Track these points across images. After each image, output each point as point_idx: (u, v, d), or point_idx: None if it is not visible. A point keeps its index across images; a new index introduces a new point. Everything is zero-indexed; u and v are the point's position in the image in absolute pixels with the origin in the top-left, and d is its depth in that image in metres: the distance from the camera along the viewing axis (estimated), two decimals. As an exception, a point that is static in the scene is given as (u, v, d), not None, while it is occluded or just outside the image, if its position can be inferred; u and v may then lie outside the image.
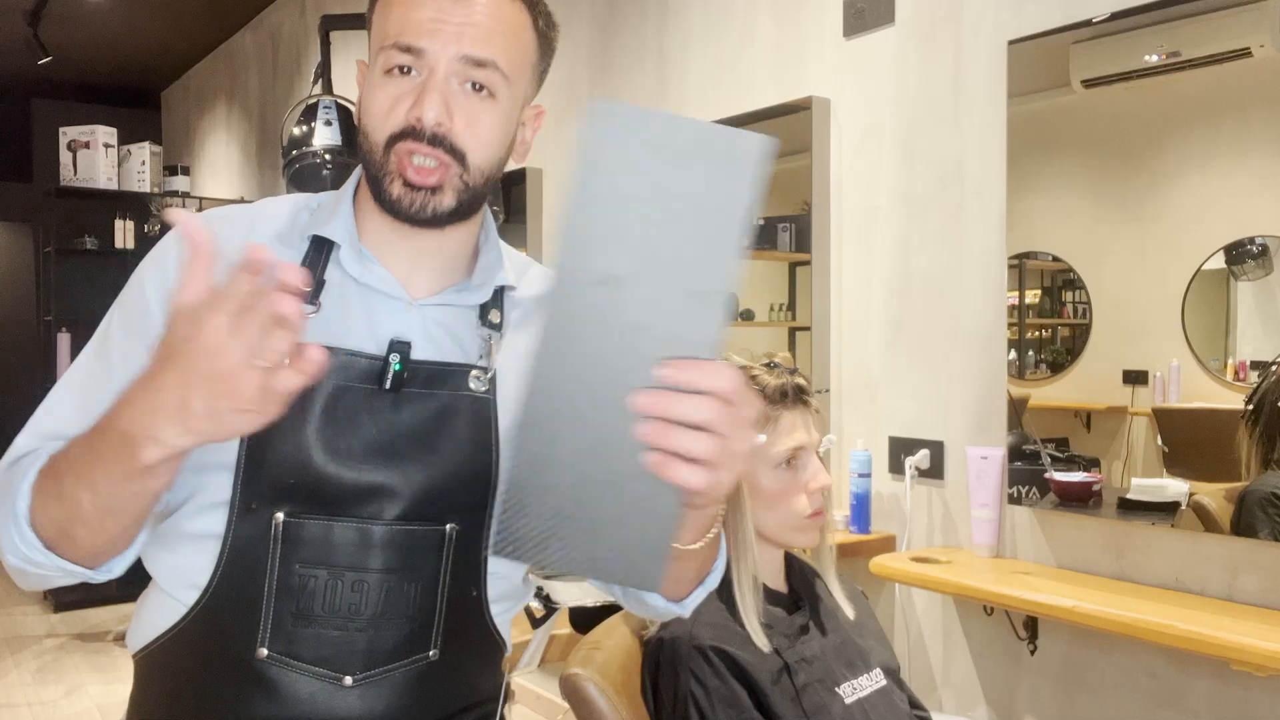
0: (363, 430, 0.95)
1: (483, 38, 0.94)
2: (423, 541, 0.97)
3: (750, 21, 2.87)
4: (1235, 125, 1.87)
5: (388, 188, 0.95)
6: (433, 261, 1.02)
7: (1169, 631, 1.73)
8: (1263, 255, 1.84)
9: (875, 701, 1.32)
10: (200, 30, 6.31)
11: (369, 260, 0.99)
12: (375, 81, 0.96)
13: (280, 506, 0.93)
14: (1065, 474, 2.10)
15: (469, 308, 1.03)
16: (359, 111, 0.99)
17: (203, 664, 0.95)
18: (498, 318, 1.04)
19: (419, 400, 0.97)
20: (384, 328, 0.98)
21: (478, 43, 0.94)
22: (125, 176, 5.68)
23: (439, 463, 0.97)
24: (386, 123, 0.95)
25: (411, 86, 0.94)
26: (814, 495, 1.33)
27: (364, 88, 0.99)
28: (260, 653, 0.93)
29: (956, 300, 2.33)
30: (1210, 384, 1.89)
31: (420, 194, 0.95)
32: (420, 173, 0.94)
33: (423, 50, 0.93)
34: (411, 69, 0.94)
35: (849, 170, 2.59)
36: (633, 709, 1.30)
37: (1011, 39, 2.18)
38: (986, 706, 2.29)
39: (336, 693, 0.95)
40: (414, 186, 0.95)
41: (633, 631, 1.38)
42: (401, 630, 0.97)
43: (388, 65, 0.95)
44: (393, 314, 1.00)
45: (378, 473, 0.95)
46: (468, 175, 0.96)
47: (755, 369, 1.35)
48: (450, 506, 0.97)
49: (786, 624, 1.32)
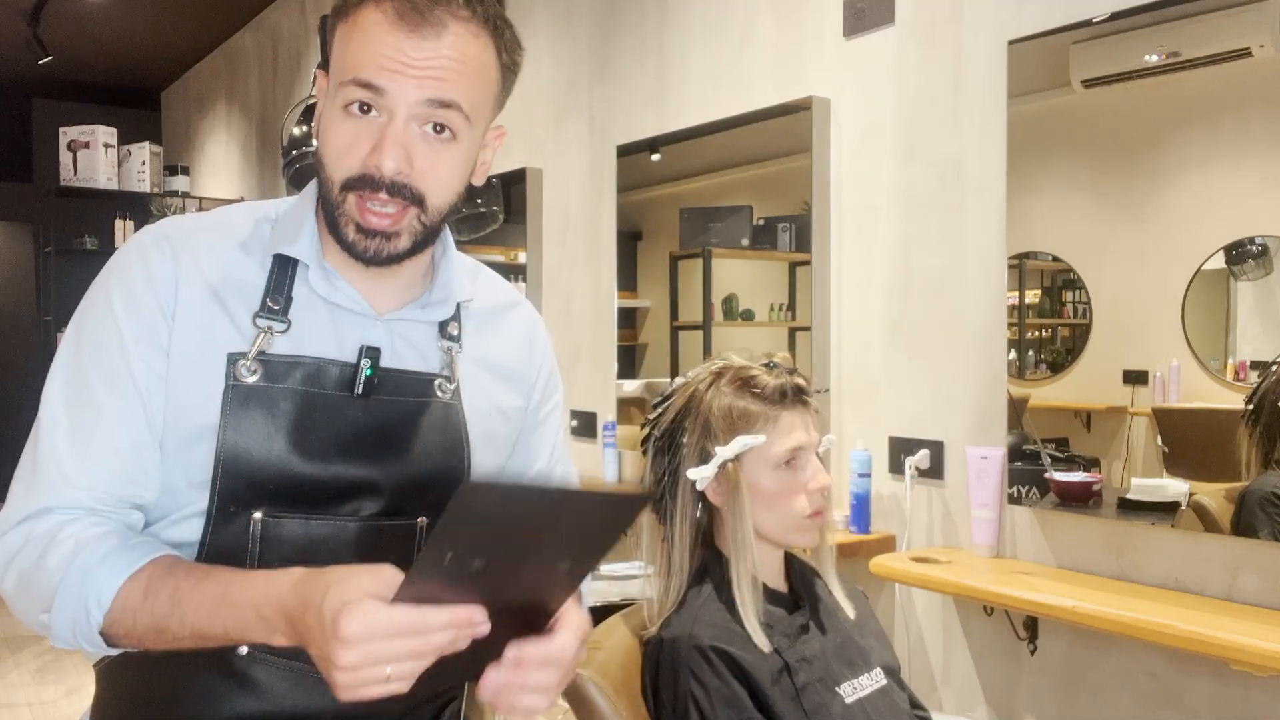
0: (336, 433, 0.96)
1: (448, 79, 0.92)
2: (396, 535, 0.99)
3: (750, 21, 2.87)
4: (1235, 125, 1.87)
5: (343, 229, 0.95)
6: (394, 282, 1.03)
7: (1169, 631, 1.73)
8: (1263, 255, 1.84)
9: (875, 701, 1.32)
10: (200, 30, 6.31)
11: (335, 278, 1.00)
12: (334, 115, 0.94)
13: (258, 507, 0.94)
14: (1065, 474, 2.10)
15: (430, 323, 1.05)
16: (318, 132, 0.97)
17: (181, 665, 0.95)
18: (456, 330, 1.06)
19: (388, 406, 0.99)
20: (351, 341, 0.99)
21: (442, 85, 0.92)
22: (125, 176, 5.69)
23: (412, 462, 0.99)
24: (343, 163, 0.93)
25: (371, 128, 0.92)
26: (814, 495, 1.33)
27: (323, 114, 0.97)
28: (241, 649, 0.94)
29: (956, 300, 2.33)
30: (1210, 384, 1.89)
31: (375, 240, 0.94)
32: (378, 217, 0.93)
33: (383, 90, 0.91)
34: (371, 108, 0.92)
35: (849, 170, 2.59)
36: (633, 709, 1.30)
37: (1011, 39, 2.18)
38: (986, 706, 2.29)
39: (315, 686, 0.95)
40: (369, 233, 0.94)
41: (633, 631, 1.38)
42: None
43: (347, 100, 0.93)
44: (359, 328, 1.00)
45: (352, 471, 0.96)
46: (425, 216, 0.96)
47: (754, 369, 1.35)
48: (423, 502, 1.00)
49: (786, 623, 1.32)
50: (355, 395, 0.97)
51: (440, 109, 0.93)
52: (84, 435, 0.92)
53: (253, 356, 0.94)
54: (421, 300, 1.04)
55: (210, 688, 0.95)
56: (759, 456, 1.31)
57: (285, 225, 1.01)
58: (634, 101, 3.29)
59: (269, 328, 0.96)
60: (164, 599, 0.86)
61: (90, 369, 0.94)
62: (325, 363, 0.97)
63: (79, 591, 0.87)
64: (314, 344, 0.98)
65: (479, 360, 1.08)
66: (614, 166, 3.33)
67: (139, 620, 0.87)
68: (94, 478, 0.92)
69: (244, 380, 0.94)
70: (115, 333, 0.94)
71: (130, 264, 0.97)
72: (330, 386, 0.97)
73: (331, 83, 0.96)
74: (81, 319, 0.97)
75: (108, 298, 0.96)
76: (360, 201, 0.93)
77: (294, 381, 0.96)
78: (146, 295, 0.94)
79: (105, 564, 0.88)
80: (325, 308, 1.00)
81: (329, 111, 0.96)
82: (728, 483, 1.31)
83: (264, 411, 0.94)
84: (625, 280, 3.36)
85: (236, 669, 0.95)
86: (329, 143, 0.95)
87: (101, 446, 0.92)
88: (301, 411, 0.95)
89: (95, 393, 0.93)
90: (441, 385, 1.02)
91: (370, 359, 0.98)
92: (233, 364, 0.94)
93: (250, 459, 0.93)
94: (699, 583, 1.33)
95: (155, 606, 0.86)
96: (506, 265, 3.85)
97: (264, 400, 0.94)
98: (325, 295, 0.99)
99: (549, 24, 3.70)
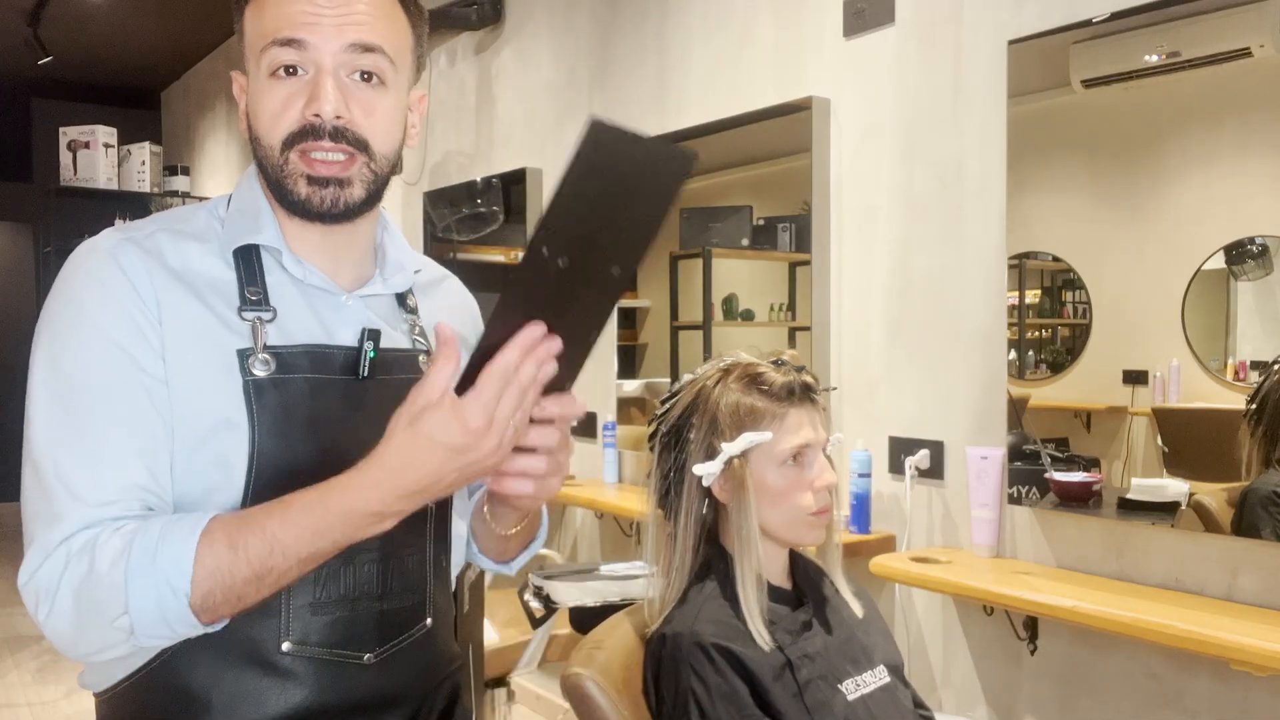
0: (346, 417, 0.97)
1: (365, 24, 0.93)
2: (414, 516, 1.01)
3: (750, 21, 2.87)
4: (1235, 125, 1.87)
5: (292, 189, 0.95)
6: (350, 254, 1.03)
7: (1169, 631, 1.73)
8: (1263, 255, 1.85)
9: (878, 698, 1.32)
10: (200, 30, 6.31)
11: (301, 262, 1.00)
12: (261, 85, 0.94)
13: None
14: (1065, 474, 2.10)
15: (388, 296, 1.06)
16: (246, 119, 0.98)
17: (219, 670, 0.93)
18: (413, 302, 1.08)
19: (385, 386, 1.00)
20: (332, 322, 1.00)
21: (361, 30, 0.93)
22: (125, 176, 5.69)
23: None
24: (280, 124, 0.93)
25: (301, 85, 0.93)
26: (820, 493, 1.33)
27: (249, 95, 0.97)
28: (284, 646, 0.94)
29: (956, 300, 2.33)
30: (1210, 384, 1.89)
31: (330, 189, 0.94)
32: (326, 165, 0.93)
33: (305, 43, 0.92)
34: (297, 68, 0.93)
35: (849, 170, 2.59)
36: (634, 709, 1.30)
37: (1011, 39, 2.18)
38: (986, 706, 2.29)
39: (359, 673, 0.97)
40: (322, 181, 0.94)
41: (635, 629, 1.38)
42: (405, 603, 1.01)
43: (273, 65, 0.93)
44: (335, 309, 1.01)
45: (362, 456, 0.96)
46: (374, 164, 0.97)
47: (762, 366, 1.35)
48: None
49: (789, 620, 1.32)
50: (360, 378, 0.97)
51: (365, 53, 0.94)
52: (91, 454, 0.88)
53: (261, 350, 0.94)
54: (379, 273, 1.05)
55: (252, 691, 0.93)
56: (765, 453, 1.31)
57: (239, 218, 1.00)
58: (634, 101, 3.29)
59: (259, 319, 0.95)
60: (256, 544, 0.84)
61: (81, 385, 0.90)
62: (327, 349, 0.98)
63: (153, 575, 0.83)
64: (299, 329, 0.98)
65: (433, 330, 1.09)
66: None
67: (236, 574, 0.84)
68: (107, 493, 0.88)
69: (259, 375, 0.93)
70: (102, 343, 0.90)
71: (98, 271, 0.93)
72: (335, 371, 0.97)
73: (250, 57, 0.96)
74: (54, 335, 0.92)
75: (80, 310, 0.92)
76: (303, 155, 0.93)
77: (304, 370, 0.96)
78: (128, 299, 0.92)
79: (167, 539, 0.84)
80: (299, 292, 1.00)
81: (255, 87, 0.96)
82: (734, 479, 1.31)
83: (281, 404, 0.94)
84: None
85: (282, 668, 0.93)
86: (261, 111, 0.95)
87: (113, 460, 0.89)
88: (316, 399, 0.95)
89: (94, 406, 0.89)
90: (424, 361, 1.04)
91: (373, 341, 0.98)
92: (245, 360, 0.93)
93: (280, 452, 0.93)
94: (703, 579, 1.33)
95: (250, 554, 0.84)
96: (507, 265, 3.85)
97: (281, 392, 0.94)
98: (300, 278, 0.99)
99: (549, 24, 3.70)
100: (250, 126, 0.97)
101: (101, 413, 0.89)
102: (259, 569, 0.84)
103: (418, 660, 1.03)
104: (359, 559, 0.97)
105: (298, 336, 0.97)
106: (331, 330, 0.99)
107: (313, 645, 0.95)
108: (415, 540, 1.02)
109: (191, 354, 0.93)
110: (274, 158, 0.95)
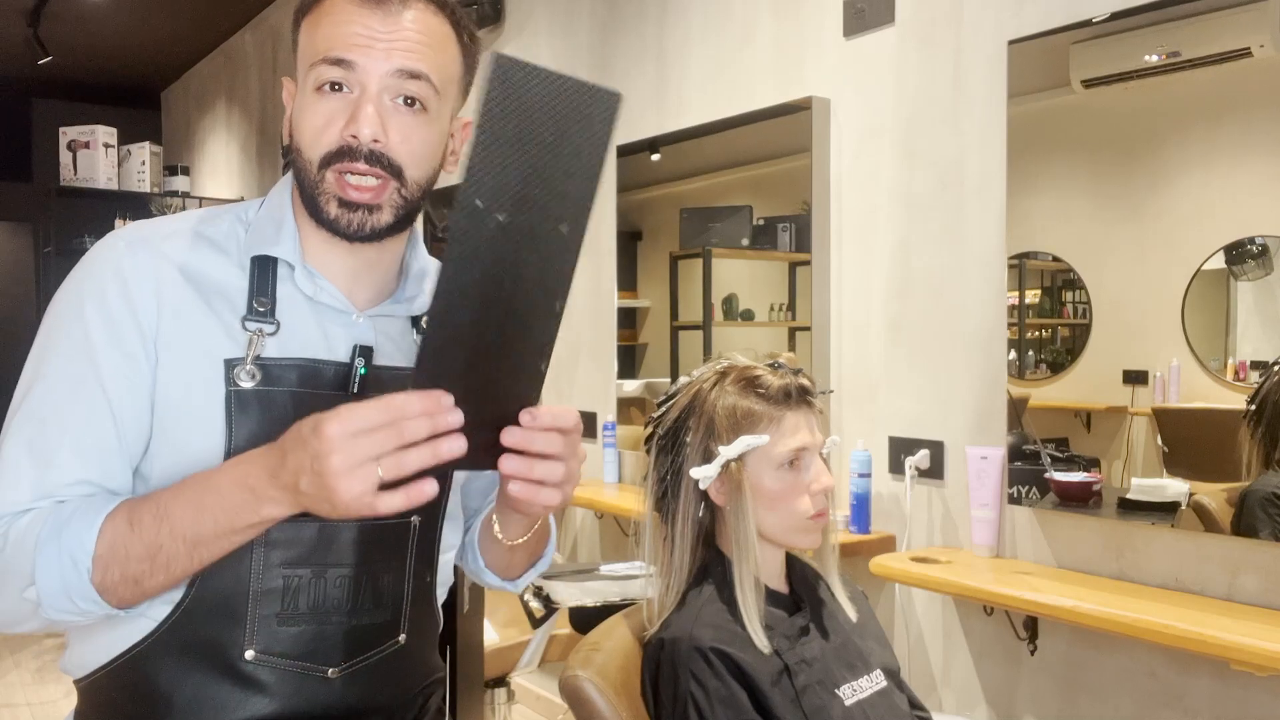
0: None
1: (414, 50, 0.95)
2: (394, 535, 1.00)
3: (750, 21, 2.87)
4: (1235, 125, 1.87)
5: (325, 207, 0.96)
6: (371, 274, 1.04)
7: (1169, 631, 1.72)
8: (1263, 255, 1.84)
9: (875, 703, 1.31)
10: (200, 30, 6.30)
11: (317, 277, 1.01)
12: (307, 99, 0.96)
13: None
14: (1065, 474, 2.10)
15: (404, 317, 1.06)
16: (290, 127, 0.99)
17: (183, 673, 0.94)
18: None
19: None
20: (337, 339, 1.01)
21: (410, 56, 0.95)
22: (125, 176, 5.68)
23: None
24: (320, 141, 0.95)
25: (344, 103, 0.95)
26: (817, 497, 1.33)
27: (295, 105, 0.99)
28: (248, 654, 0.94)
29: (956, 300, 2.33)
30: (1210, 384, 1.89)
31: (358, 213, 0.96)
32: (359, 190, 0.95)
33: (354, 64, 0.93)
34: (343, 85, 0.94)
35: (849, 170, 2.59)
36: (632, 710, 1.30)
37: (1011, 39, 2.18)
38: (986, 707, 2.29)
39: (321, 685, 0.97)
40: (352, 206, 0.95)
41: (633, 632, 1.38)
42: (377, 619, 1.01)
43: (319, 81, 0.95)
44: (344, 326, 1.02)
45: None
46: (405, 190, 0.97)
47: (759, 369, 1.34)
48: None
49: (787, 625, 1.31)
50: (350, 394, 0.98)
51: (410, 80, 0.95)
52: (48, 445, 0.92)
53: (250, 361, 0.95)
54: (398, 295, 1.06)
55: (218, 695, 0.94)
56: (762, 457, 1.31)
57: (262, 227, 1.01)
58: (634, 101, 3.29)
59: (259, 330, 0.97)
60: (148, 519, 0.86)
61: (56, 374, 0.94)
62: (319, 363, 0.98)
63: (57, 547, 0.86)
64: (302, 344, 0.99)
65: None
66: (614, 166, 3.33)
67: (131, 551, 0.86)
68: (46, 489, 0.91)
69: (243, 386, 0.94)
70: (83, 338, 0.93)
71: (104, 269, 0.96)
72: (325, 386, 0.98)
73: (301, 69, 0.98)
74: (52, 322, 0.96)
75: (79, 302, 0.95)
76: (339, 177, 0.95)
77: (290, 384, 0.96)
78: (119, 301, 0.94)
79: (77, 515, 0.87)
80: (309, 308, 1.01)
81: (301, 99, 0.98)
82: (730, 482, 1.31)
83: (264, 416, 0.95)
84: (625, 280, 3.36)
85: (245, 674, 0.95)
86: (304, 125, 0.96)
87: (68, 455, 0.92)
88: (300, 413, 0.95)
89: (60, 399, 0.93)
90: None
91: (364, 358, 0.99)
92: (231, 370, 0.95)
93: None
94: (700, 583, 1.32)
95: (143, 530, 0.86)
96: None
97: (264, 404, 0.95)
98: (310, 294, 1.00)
99: (549, 24, 3.70)
100: (292, 135, 0.99)
101: (65, 408, 0.93)
102: (150, 545, 0.86)
103: (388, 675, 1.03)
104: (330, 574, 0.97)
105: (296, 350, 0.98)
106: (334, 346, 1.00)
107: (276, 656, 0.95)
108: (393, 558, 1.02)
109: (185, 356, 0.95)
110: (311, 173, 0.96)
